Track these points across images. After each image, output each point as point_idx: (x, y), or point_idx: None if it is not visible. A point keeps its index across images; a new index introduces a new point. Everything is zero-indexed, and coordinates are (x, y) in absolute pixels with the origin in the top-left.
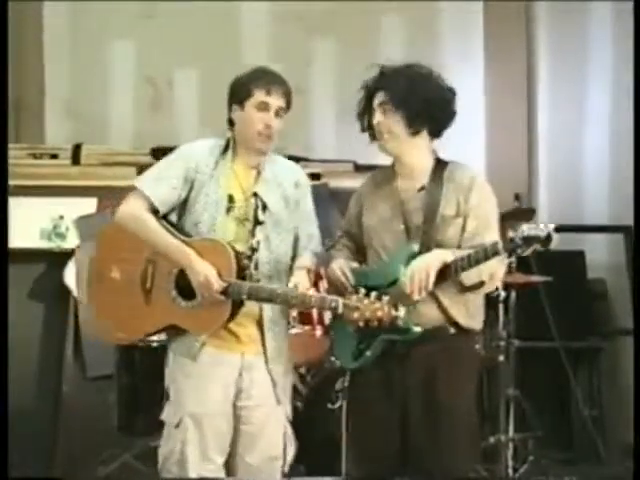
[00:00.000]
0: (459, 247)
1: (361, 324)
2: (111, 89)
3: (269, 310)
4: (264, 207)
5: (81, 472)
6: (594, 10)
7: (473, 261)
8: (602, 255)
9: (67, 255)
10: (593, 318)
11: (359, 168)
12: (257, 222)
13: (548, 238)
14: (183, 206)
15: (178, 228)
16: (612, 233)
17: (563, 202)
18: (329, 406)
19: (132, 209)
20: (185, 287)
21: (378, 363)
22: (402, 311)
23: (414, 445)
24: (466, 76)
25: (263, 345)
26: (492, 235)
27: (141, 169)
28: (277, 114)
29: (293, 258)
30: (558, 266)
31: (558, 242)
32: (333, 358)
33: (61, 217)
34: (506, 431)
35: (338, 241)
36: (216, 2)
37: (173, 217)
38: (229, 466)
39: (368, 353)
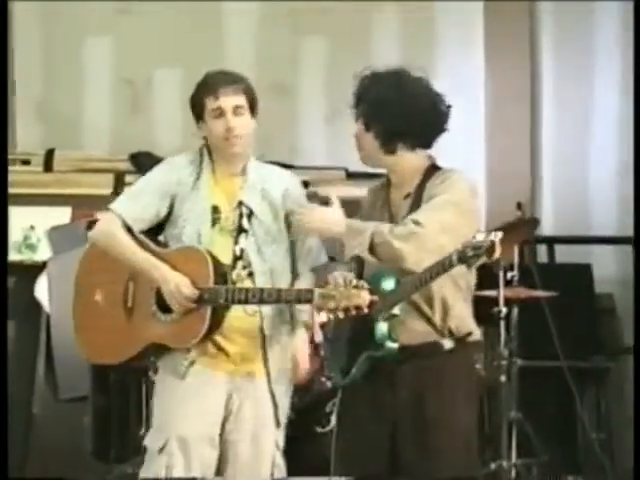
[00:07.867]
0: None
1: (340, 315)
2: (86, 90)
3: (270, 328)
4: (249, 215)
5: None
6: (600, 9)
7: (434, 273)
8: (610, 268)
9: (39, 268)
10: (601, 335)
11: (352, 176)
12: (241, 230)
13: (491, 248)
14: (167, 220)
15: (160, 242)
16: (621, 245)
17: (569, 212)
18: (318, 430)
19: (103, 226)
20: (166, 303)
21: (368, 383)
22: (397, 309)
23: (404, 467)
24: (466, 79)
25: (265, 365)
26: (423, 217)
27: (118, 176)
28: (236, 113)
29: (294, 273)
30: (563, 280)
31: (563, 254)
32: (323, 379)
33: (32, 227)
34: (508, 457)
35: (347, 262)
36: None
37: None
38: None
39: (354, 371)
